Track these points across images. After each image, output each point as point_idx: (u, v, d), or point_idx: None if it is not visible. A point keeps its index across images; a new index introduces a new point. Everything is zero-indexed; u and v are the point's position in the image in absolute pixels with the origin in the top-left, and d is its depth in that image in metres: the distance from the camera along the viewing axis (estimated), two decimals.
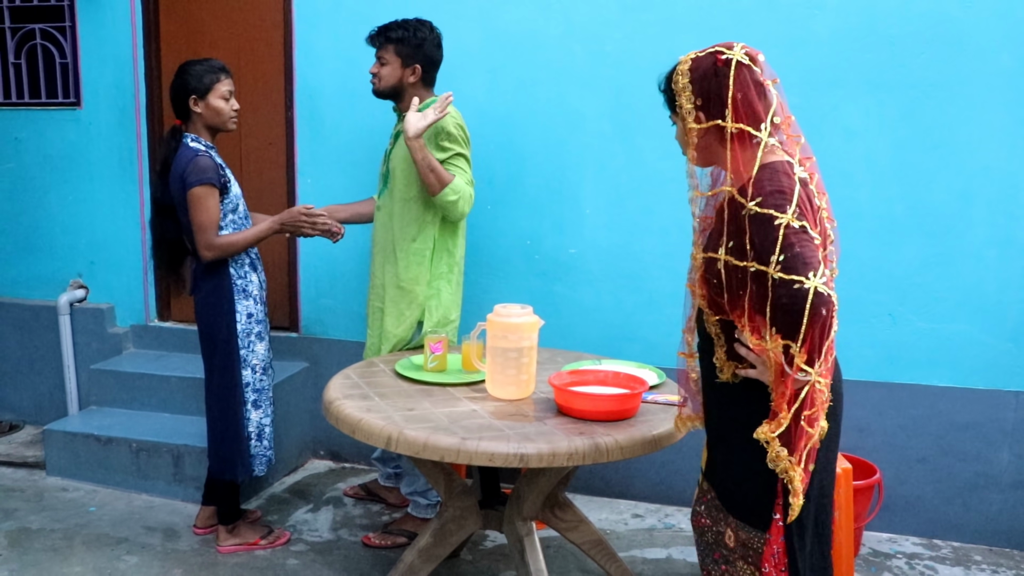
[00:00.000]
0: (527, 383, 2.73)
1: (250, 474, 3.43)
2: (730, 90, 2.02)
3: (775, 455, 1.96)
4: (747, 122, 2.03)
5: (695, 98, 2.07)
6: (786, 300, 1.89)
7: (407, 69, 3.40)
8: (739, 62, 2.04)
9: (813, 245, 1.93)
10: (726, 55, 2.06)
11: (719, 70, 2.04)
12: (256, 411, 3.40)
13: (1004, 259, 3.53)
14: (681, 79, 2.09)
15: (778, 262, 1.90)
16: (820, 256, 1.94)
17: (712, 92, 2.04)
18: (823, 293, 1.89)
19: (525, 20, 3.90)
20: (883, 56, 3.54)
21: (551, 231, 3.99)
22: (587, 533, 3.08)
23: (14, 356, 4.86)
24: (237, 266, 3.31)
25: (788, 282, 1.89)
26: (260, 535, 3.54)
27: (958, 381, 3.63)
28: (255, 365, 3.38)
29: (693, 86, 2.07)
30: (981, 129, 3.49)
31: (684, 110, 2.09)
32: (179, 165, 3.20)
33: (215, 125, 3.30)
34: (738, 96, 2.02)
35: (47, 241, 4.76)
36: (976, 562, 3.54)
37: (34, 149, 4.70)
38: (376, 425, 2.47)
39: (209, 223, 3.19)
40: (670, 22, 3.73)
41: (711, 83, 2.04)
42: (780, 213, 1.93)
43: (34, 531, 3.67)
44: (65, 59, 4.60)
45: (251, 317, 3.34)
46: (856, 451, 3.68)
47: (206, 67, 3.26)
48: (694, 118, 2.08)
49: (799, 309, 1.88)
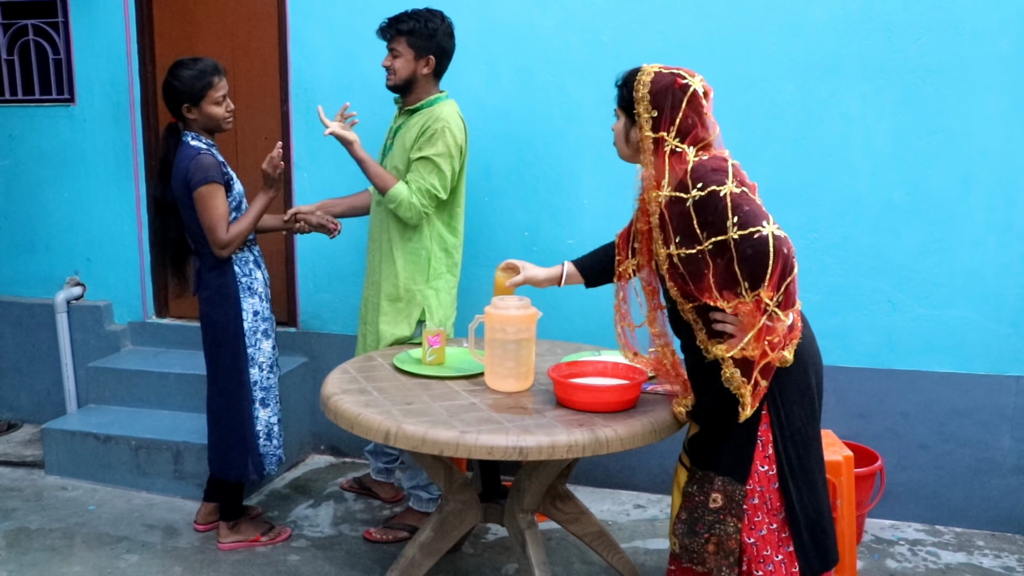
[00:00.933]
0: (526, 375, 2.72)
1: (262, 474, 3.41)
2: (680, 112, 2.29)
3: (729, 374, 2.21)
4: (686, 143, 2.29)
5: (651, 108, 2.32)
6: (751, 251, 2.13)
7: (420, 60, 3.35)
8: (695, 91, 2.31)
9: (757, 203, 2.18)
10: (685, 80, 2.31)
11: (675, 92, 2.30)
12: (264, 410, 3.38)
13: (1003, 244, 3.52)
14: (642, 88, 2.35)
15: (734, 224, 2.15)
16: (765, 211, 2.17)
17: (665, 109, 2.30)
18: (780, 235, 2.13)
19: (522, 11, 3.88)
20: (880, 42, 3.52)
21: (549, 222, 3.98)
22: (589, 525, 3.07)
23: (11, 355, 4.85)
24: (242, 263, 3.30)
25: (747, 236, 2.13)
26: (261, 532, 3.53)
27: (958, 367, 3.62)
28: (262, 363, 3.35)
29: (651, 98, 2.33)
30: (979, 114, 3.48)
31: (641, 118, 2.34)
32: (181, 164, 3.17)
33: (211, 128, 3.27)
34: (686, 120, 2.29)
35: (43, 238, 4.74)
36: (979, 547, 3.54)
37: (28, 146, 4.67)
38: (375, 420, 2.46)
39: (218, 221, 3.16)
40: (666, 11, 3.71)
41: (667, 101, 2.30)
42: (720, 186, 2.18)
43: (33, 531, 3.66)
44: (58, 55, 4.57)
45: (257, 315, 3.32)
46: (857, 438, 3.68)
47: (196, 72, 3.19)
48: (650, 127, 2.33)
49: (763, 253, 2.11)
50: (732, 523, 2.33)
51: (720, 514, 2.35)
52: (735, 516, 2.33)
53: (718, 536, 2.35)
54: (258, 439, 3.38)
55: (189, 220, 3.24)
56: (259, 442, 3.38)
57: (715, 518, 2.36)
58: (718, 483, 2.36)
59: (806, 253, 3.68)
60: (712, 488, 2.37)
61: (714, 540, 2.36)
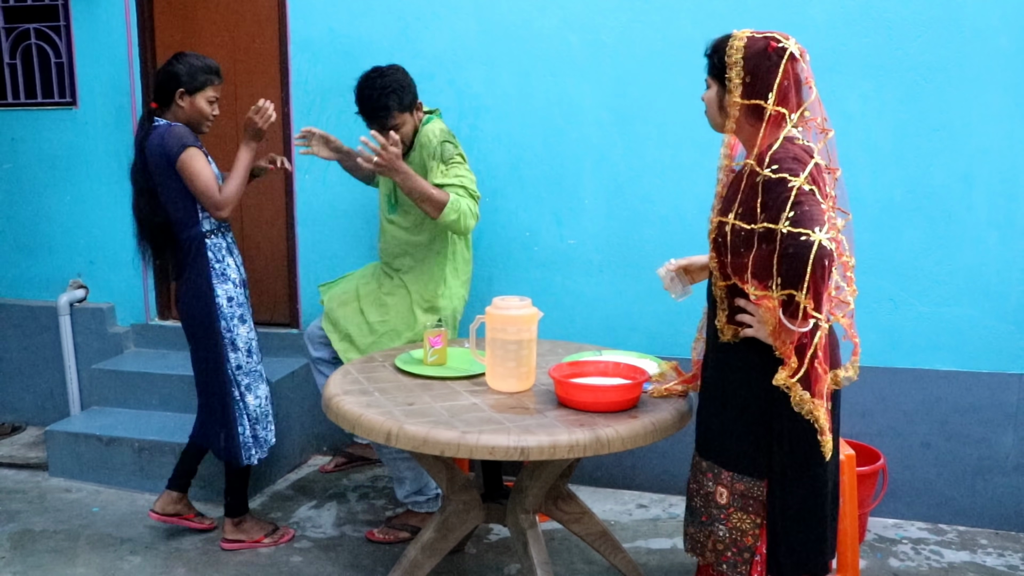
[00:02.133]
0: (527, 375, 2.72)
1: (251, 459, 3.39)
2: (778, 76, 2.20)
3: (799, 399, 2.11)
4: (784, 108, 2.20)
5: (744, 75, 2.23)
6: (792, 250, 2.05)
7: (414, 112, 3.42)
8: (791, 53, 2.21)
9: (821, 207, 2.08)
10: (781, 44, 2.22)
11: (771, 55, 2.21)
12: (250, 394, 3.38)
13: (1005, 241, 3.51)
14: (735, 53, 2.24)
15: (787, 218, 2.07)
16: (827, 218, 2.08)
17: (760, 73, 2.21)
18: (826, 247, 2.03)
19: (521, 11, 3.88)
20: (880, 40, 3.52)
21: (550, 222, 3.98)
22: (591, 525, 3.07)
23: (15, 357, 4.86)
24: (215, 250, 3.28)
25: (796, 234, 2.05)
26: (265, 532, 3.53)
27: (961, 365, 3.62)
28: (242, 348, 3.35)
29: (745, 63, 2.23)
30: (980, 112, 3.47)
31: (732, 83, 2.24)
32: (154, 141, 3.15)
33: (191, 124, 3.25)
34: (784, 84, 2.20)
35: (46, 241, 4.75)
36: (982, 546, 3.54)
37: (31, 149, 4.69)
38: (376, 420, 2.46)
39: (208, 185, 3.15)
40: (667, 10, 3.71)
41: (762, 65, 2.21)
42: (793, 177, 2.11)
43: (37, 533, 3.67)
44: (60, 58, 4.58)
45: (232, 300, 3.31)
46: (859, 437, 3.67)
47: (204, 65, 3.23)
48: (740, 93, 2.24)
49: (804, 259, 2.02)
50: (751, 520, 2.30)
51: (729, 509, 2.32)
52: (753, 512, 2.30)
53: (731, 531, 2.32)
54: (250, 421, 3.38)
55: (170, 199, 3.20)
56: (251, 424, 3.38)
57: (722, 512, 2.33)
58: (725, 478, 2.33)
59: None
60: (718, 482, 2.34)
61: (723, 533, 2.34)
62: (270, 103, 3.28)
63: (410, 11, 4.00)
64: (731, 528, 2.33)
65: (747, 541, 2.32)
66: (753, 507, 2.30)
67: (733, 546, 2.34)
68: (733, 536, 2.33)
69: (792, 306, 2.07)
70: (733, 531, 2.33)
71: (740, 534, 2.32)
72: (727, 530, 2.33)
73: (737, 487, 2.31)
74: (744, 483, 2.30)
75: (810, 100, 2.25)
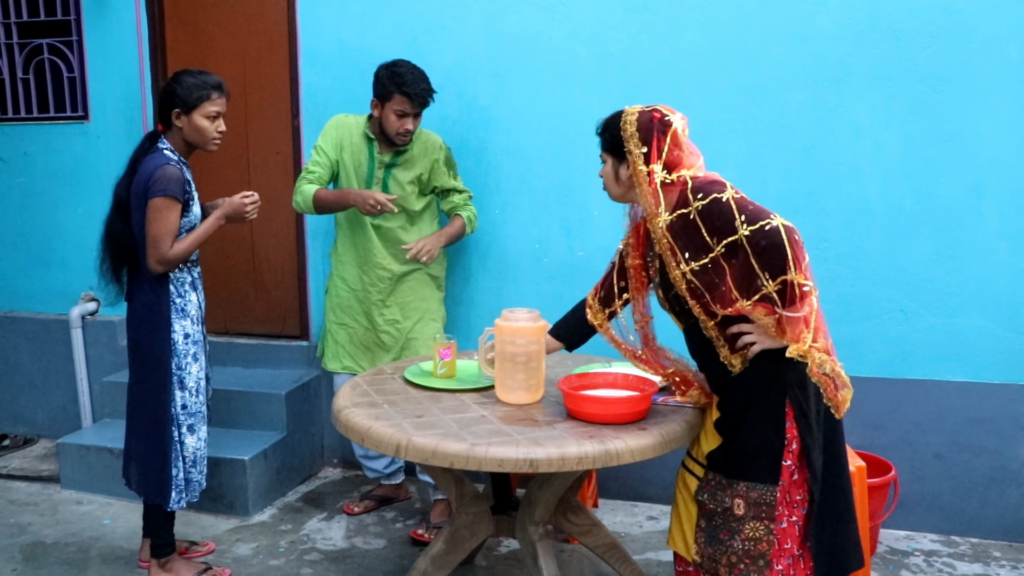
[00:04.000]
0: (536, 387, 2.72)
1: (179, 502, 3.20)
2: (666, 144, 2.41)
3: (819, 360, 2.25)
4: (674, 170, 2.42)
5: (641, 144, 2.42)
6: (765, 241, 2.23)
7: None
8: (673, 125, 2.43)
9: (759, 205, 2.30)
10: (665, 115, 2.44)
11: (658, 126, 2.42)
12: (191, 436, 3.21)
13: (1015, 252, 3.50)
14: (629, 127, 2.44)
15: (742, 222, 2.26)
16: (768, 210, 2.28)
17: (652, 143, 2.41)
18: (788, 224, 2.24)
19: (530, 24, 3.90)
20: (889, 50, 3.52)
21: (559, 234, 3.98)
22: (601, 536, 3.06)
23: (27, 370, 4.88)
24: (178, 284, 3.16)
25: (758, 230, 2.24)
26: (194, 572, 3.34)
27: (972, 376, 3.60)
28: (191, 387, 3.19)
29: (639, 134, 2.42)
30: (990, 122, 3.47)
31: (633, 154, 2.43)
32: (147, 169, 3.05)
33: (194, 143, 3.16)
34: (673, 152, 2.42)
35: (58, 254, 4.78)
36: (995, 558, 3.51)
37: (43, 163, 4.72)
38: (385, 433, 2.47)
39: (164, 235, 3.03)
40: (674, 22, 3.72)
41: (652, 135, 2.41)
42: (720, 193, 2.32)
43: (49, 545, 3.68)
44: (73, 73, 4.62)
45: (188, 338, 3.18)
46: (870, 448, 3.66)
47: (199, 82, 3.12)
48: (643, 161, 2.42)
49: (779, 243, 2.21)
50: (764, 526, 2.36)
51: (746, 520, 2.37)
52: (767, 518, 2.36)
53: (744, 541, 2.36)
54: (184, 464, 3.21)
55: (140, 224, 3.10)
56: (185, 468, 3.21)
57: (740, 524, 2.38)
58: (742, 488, 2.38)
59: (816, 263, 3.63)
60: (736, 494, 2.38)
61: (737, 546, 2.37)
62: (256, 199, 3.23)
63: (419, 24, 4.02)
64: (745, 539, 2.37)
65: (762, 548, 2.36)
66: (766, 513, 2.36)
67: (747, 557, 2.37)
68: (746, 547, 2.37)
69: (789, 291, 2.22)
70: (747, 542, 2.37)
71: (754, 543, 2.36)
72: (741, 542, 2.37)
73: (752, 496, 2.36)
74: (757, 491, 2.36)
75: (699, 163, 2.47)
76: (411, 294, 3.77)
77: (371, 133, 3.63)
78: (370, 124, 3.65)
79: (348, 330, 3.82)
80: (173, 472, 3.18)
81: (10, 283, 4.91)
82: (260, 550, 3.62)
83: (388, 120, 3.52)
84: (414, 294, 3.77)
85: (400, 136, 3.54)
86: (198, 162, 4.48)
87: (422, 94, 3.49)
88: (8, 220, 4.84)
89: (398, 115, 3.50)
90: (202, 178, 4.49)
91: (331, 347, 3.88)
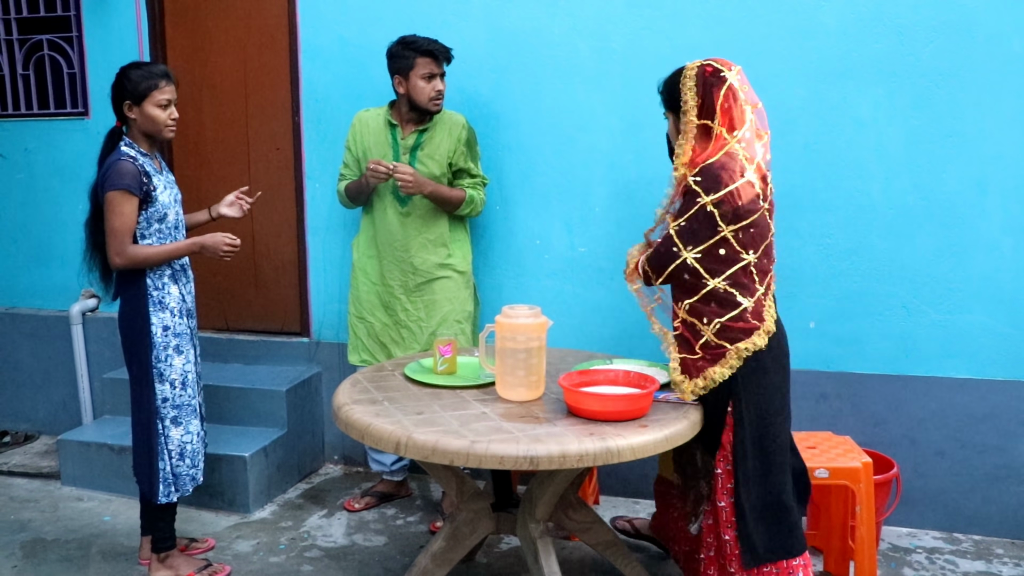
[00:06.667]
0: (537, 384, 2.71)
1: (170, 496, 3.21)
2: (719, 99, 2.60)
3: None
4: (726, 127, 2.60)
5: (697, 98, 2.63)
6: (663, 250, 2.65)
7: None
8: (731, 83, 2.62)
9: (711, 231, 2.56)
10: (723, 72, 2.63)
11: (715, 80, 2.61)
12: (176, 428, 3.22)
13: (1019, 248, 3.48)
14: (688, 81, 2.65)
15: (677, 225, 2.62)
16: (712, 240, 2.57)
17: (707, 96, 2.62)
18: (691, 266, 2.59)
19: (531, 18, 3.88)
20: (892, 45, 3.50)
21: (560, 230, 3.97)
22: (601, 534, 3.05)
23: (28, 366, 4.88)
24: (155, 277, 3.18)
25: (669, 239, 2.63)
26: (195, 568, 3.33)
27: (975, 372, 3.58)
28: (173, 380, 3.20)
29: (697, 88, 2.63)
30: (993, 117, 3.45)
31: (687, 105, 2.64)
32: (103, 168, 3.12)
33: (150, 132, 3.16)
34: (725, 105, 2.60)
35: (58, 251, 4.77)
36: (998, 555, 3.50)
37: (44, 159, 4.71)
38: (385, 429, 2.46)
39: (121, 229, 3.06)
40: (676, 17, 3.70)
41: (709, 88, 2.62)
42: (705, 195, 2.55)
43: (49, 541, 3.68)
44: (73, 69, 4.61)
45: (167, 330, 3.18)
46: (873, 445, 3.64)
47: (145, 72, 3.12)
48: (695, 113, 2.64)
49: (664, 264, 2.65)
50: (704, 486, 2.78)
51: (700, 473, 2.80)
52: (706, 481, 2.77)
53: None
54: (171, 458, 3.21)
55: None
56: (171, 461, 3.21)
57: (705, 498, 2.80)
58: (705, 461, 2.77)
59: (819, 259, 3.66)
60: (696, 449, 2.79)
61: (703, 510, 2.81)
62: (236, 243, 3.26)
63: (420, 19, 4.00)
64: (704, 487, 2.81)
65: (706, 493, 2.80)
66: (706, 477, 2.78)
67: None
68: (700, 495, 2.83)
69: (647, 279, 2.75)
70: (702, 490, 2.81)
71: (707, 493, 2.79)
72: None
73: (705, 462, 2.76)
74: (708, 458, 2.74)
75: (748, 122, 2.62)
76: (440, 293, 3.73)
77: (393, 119, 3.65)
78: (392, 111, 3.67)
79: (366, 324, 3.81)
80: (160, 465, 3.20)
81: (10, 279, 4.90)
82: (260, 547, 3.61)
83: (417, 89, 3.54)
84: (443, 294, 3.73)
85: (434, 101, 3.57)
86: (198, 159, 4.50)
87: (444, 49, 3.56)
88: (8, 216, 4.83)
89: (427, 78, 3.53)
90: (203, 174, 4.52)
91: (352, 339, 3.89)
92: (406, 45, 3.53)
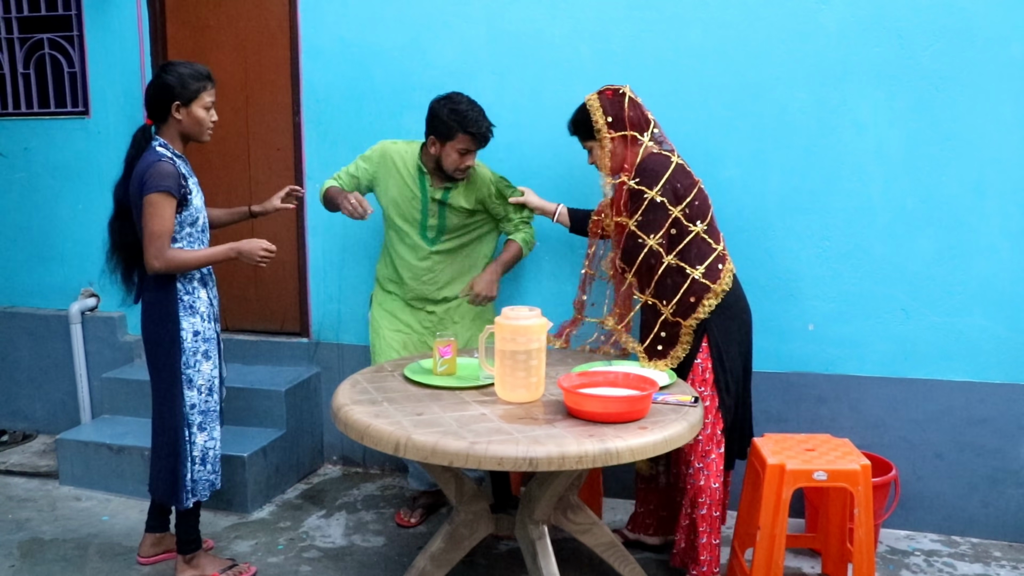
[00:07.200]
0: (536, 386, 2.71)
1: (187, 501, 3.19)
2: (626, 110, 3.08)
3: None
4: (638, 131, 3.09)
5: (606, 116, 3.08)
6: (630, 244, 3.02)
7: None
8: (630, 96, 3.12)
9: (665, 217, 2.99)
10: (621, 89, 3.13)
11: (616, 97, 3.10)
12: (201, 434, 3.18)
13: (1018, 251, 3.49)
14: (594, 106, 3.11)
15: (636, 221, 3.00)
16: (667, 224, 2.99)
17: (615, 112, 3.08)
18: (657, 251, 2.99)
19: (531, 21, 3.88)
20: (892, 49, 3.50)
21: (561, 231, 3.96)
22: (600, 535, 3.06)
23: (27, 365, 4.88)
24: (185, 281, 3.12)
25: (634, 235, 3.01)
26: (219, 568, 3.33)
27: (973, 375, 3.59)
28: (200, 385, 3.16)
29: (603, 108, 3.09)
30: (992, 121, 3.45)
31: (599, 124, 3.08)
32: (141, 168, 3.02)
33: (191, 135, 3.13)
34: (631, 114, 3.08)
35: (58, 250, 4.77)
36: (996, 558, 3.50)
37: (43, 158, 4.71)
38: (385, 430, 2.46)
39: (162, 232, 2.99)
40: (676, 19, 3.71)
41: (613, 105, 3.09)
42: (649, 189, 2.98)
43: (47, 541, 3.67)
44: (73, 68, 4.61)
45: (197, 335, 3.14)
46: (871, 448, 3.65)
47: (193, 72, 3.08)
48: (607, 130, 3.08)
49: (635, 257, 3.02)
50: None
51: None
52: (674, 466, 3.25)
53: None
54: (193, 464, 3.18)
55: (139, 225, 3.08)
56: (193, 467, 3.18)
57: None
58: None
59: (818, 261, 3.66)
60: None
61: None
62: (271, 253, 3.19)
63: (421, 20, 4.01)
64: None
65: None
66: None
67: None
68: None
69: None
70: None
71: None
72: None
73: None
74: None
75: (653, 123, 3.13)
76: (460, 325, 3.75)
77: (424, 166, 3.55)
78: (423, 156, 3.56)
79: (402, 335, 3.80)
80: (183, 471, 3.16)
81: (9, 278, 4.90)
82: (259, 547, 3.61)
83: (449, 158, 3.42)
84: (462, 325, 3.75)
85: (460, 172, 3.46)
86: (198, 158, 4.50)
87: (486, 133, 3.41)
88: (8, 215, 4.83)
89: (461, 153, 3.41)
90: (203, 174, 4.50)
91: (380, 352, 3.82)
92: (453, 114, 3.36)
